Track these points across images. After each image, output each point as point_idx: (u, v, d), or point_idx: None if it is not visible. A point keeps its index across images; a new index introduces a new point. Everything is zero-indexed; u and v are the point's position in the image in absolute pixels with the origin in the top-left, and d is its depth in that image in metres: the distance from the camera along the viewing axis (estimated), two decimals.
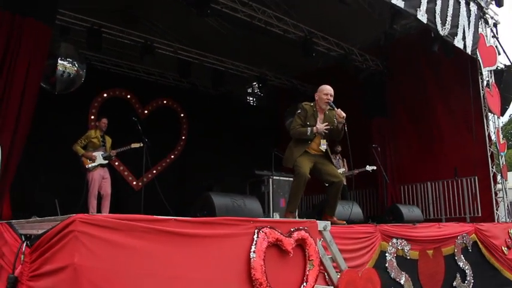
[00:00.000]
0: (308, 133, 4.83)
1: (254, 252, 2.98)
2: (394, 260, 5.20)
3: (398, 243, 5.36)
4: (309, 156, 4.91)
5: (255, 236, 3.03)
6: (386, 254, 5.14)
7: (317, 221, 3.72)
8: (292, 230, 3.37)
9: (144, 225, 2.48)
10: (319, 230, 3.73)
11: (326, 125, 4.86)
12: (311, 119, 4.94)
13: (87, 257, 2.34)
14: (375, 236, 5.05)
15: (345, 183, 7.86)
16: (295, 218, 4.89)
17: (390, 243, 5.24)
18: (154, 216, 2.58)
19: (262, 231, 3.06)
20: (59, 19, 7.86)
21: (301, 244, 3.40)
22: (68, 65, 8.17)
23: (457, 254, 6.15)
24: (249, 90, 14.61)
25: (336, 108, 4.86)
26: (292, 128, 5.01)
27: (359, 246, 4.71)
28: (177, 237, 2.60)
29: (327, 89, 4.98)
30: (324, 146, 4.96)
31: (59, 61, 8.00)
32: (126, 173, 10.25)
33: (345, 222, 5.11)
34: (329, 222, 3.90)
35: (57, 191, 7.84)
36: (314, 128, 4.84)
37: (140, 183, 9.67)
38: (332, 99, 4.95)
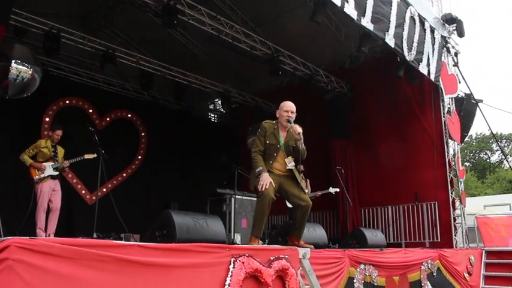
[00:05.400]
0: (257, 170, 4.55)
1: (229, 285, 2.62)
2: (361, 287, 5.02)
3: (366, 269, 5.18)
4: (273, 176, 4.59)
5: (231, 265, 2.68)
6: (354, 281, 4.95)
7: (298, 249, 3.43)
8: (272, 258, 3.05)
9: (100, 253, 2.00)
10: (299, 258, 3.45)
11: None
12: (271, 137, 4.69)
13: None
14: (343, 262, 4.85)
15: None
16: (259, 243, 4.58)
17: (358, 269, 5.06)
18: (113, 241, 2.17)
19: (239, 261, 2.72)
20: (14, 19, 7.41)
21: (281, 275, 3.08)
22: (23, 68, 7.62)
23: (423, 280, 6.08)
24: (211, 107, 14.35)
25: (292, 124, 4.61)
26: (252, 151, 4.72)
27: (328, 272, 4.48)
28: (141, 268, 2.13)
29: (288, 106, 4.73)
30: (291, 163, 4.66)
31: (13, 64, 7.46)
32: (79, 186, 9.69)
33: (312, 246, 4.86)
34: (308, 249, 3.64)
35: (1, 203, 7.26)
36: (263, 175, 4.46)
37: (94, 197, 9.15)
38: (294, 116, 4.70)
